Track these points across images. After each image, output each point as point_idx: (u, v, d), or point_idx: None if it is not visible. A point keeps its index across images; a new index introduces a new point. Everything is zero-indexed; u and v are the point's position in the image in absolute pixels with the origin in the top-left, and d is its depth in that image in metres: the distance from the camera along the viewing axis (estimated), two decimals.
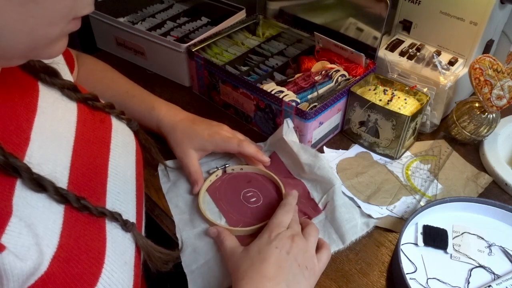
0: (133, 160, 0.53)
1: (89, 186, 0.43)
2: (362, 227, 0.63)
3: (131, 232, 0.44)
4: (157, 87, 0.92)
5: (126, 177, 0.49)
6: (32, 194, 0.36)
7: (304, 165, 0.69)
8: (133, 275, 0.43)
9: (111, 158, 0.48)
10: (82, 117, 0.48)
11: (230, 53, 0.90)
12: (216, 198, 0.67)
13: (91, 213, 0.40)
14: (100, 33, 1.01)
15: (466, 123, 0.76)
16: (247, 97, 0.77)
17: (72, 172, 0.41)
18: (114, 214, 0.42)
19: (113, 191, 0.45)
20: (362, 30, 0.82)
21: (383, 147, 0.75)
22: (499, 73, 0.70)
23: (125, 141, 0.53)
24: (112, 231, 0.41)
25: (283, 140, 0.71)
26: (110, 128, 0.52)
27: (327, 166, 0.69)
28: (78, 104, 0.49)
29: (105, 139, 0.49)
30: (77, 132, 0.46)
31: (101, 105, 0.52)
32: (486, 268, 0.59)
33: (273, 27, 0.96)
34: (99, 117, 0.51)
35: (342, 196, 0.66)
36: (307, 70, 0.82)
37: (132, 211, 0.47)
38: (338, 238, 0.62)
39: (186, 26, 1.00)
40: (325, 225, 0.64)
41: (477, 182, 0.72)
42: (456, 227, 0.64)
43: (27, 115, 0.41)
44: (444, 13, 0.76)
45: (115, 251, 0.40)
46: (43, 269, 0.33)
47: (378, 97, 0.74)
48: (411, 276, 0.58)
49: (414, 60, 0.79)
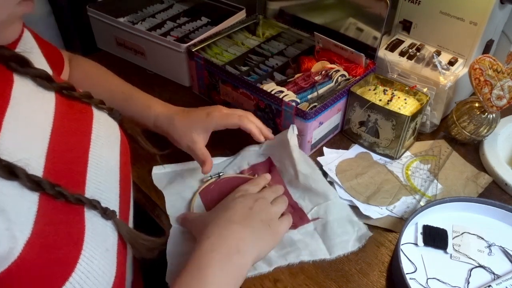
0: (117, 150, 0.53)
1: (66, 174, 0.43)
2: (355, 243, 0.62)
3: (111, 219, 0.44)
4: (157, 87, 0.92)
5: (109, 166, 0.49)
6: (4, 182, 0.36)
7: (299, 173, 0.68)
8: (116, 262, 0.43)
9: (92, 148, 0.48)
10: (60, 107, 0.47)
11: (230, 53, 0.90)
12: (207, 201, 0.67)
13: (68, 201, 0.40)
14: (100, 33, 1.01)
15: (466, 123, 0.76)
16: (247, 97, 0.77)
17: (48, 161, 0.41)
18: (92, 202, 0.42)
19: (94, 180, 0.45)
20: (362, 30, 0.82)
21: (383, 147, 0.75)
22: (499, 73, 0.70)
23: (108, 131, 0.52)
24: (92, 219, 0.42)
25: (284, 143, 0.70)
26: (91, 119, 0.51)
27: (322, 179, 0.69)
28: (56, 94, 0.48)
29: (86, 130, 0.49)
30: (55, 122, 0.45)
31: (78, 94, 0.51)
32: (486, 268, 0.59)
33: (273, 27, 0.96)
34: (79, 108, 0.51)
35: (337, 211, 0.65)
36: (307, 70, 0.82)
37: (115, 200, 0.47)
38: (326, 248, 0.61)
39: (186, 26, 1.00)
40: (313, 236, 0.63)
41: (477, 182, 0.72)
42: (456, 227, 0.64)
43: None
44: (444, 13, 0.76)
45: (94, 238, 0.40)
46: (16, 254, 0.34)
47: (378, 97, 0.74)
48: (411, 276, 0.58)
49: (414, 60, 0.79)
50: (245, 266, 0.52)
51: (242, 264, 0.52)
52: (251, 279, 0.58)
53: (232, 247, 0.52)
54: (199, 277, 0.49)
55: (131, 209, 0.54)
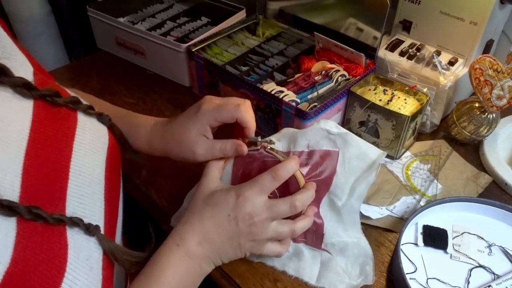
0: (103, 157, 0.48)
1: (45, 192, 0.40)
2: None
3: (95, 236, 0.42)
4: (157, 87, 0.92)
5: (92, 176, 0.46)
6: None
7: (351, 202, 0.56)
8: (101, 279, 0.42)
9: (74, 158, 0.44)
10: (39, 115, 0.43)
11: (230, 53, 0.90)
12: (237, 174, 0.56)
13: (48, 222, 0.37)
14: (100, 33, 1.01)
15: (466, 123, 0.76)
16: (247, 97, 0.77)
17: (24, 179, 0.38)
18: (74, 220, 0.39)
19: (75, 194, 0.42)
20: (362, 30, 0.82)
21: (383, 147, 0.75)
22: (499, 73, 0.70)
23: (93, 137, 0.48)
24: (74, 237, 0.39)
25: (366, 156, 0.56)
26: (75, 125, 0.47)
27: (358, 219, 0.58)
28: (35, 101, 0.43)
29: (67, 137, 0.45)
30: (31, 133, 0.41)
31: (63, 101, 0.46)
32: (486, 268, 0.59)
33: (273, 27, 0.96)
34: (61, 114, 0.46)
35: (353, 253, 0.58)
36: (307, 70, 0.82)
37: (99, 213, 0.45)
38: (316, 275, 0.58)
39: (186, 26, 1.00)
40: (314, 257, 0.59)
41: (477, 182, 0.72)
42: (456, 227, 0.64)
43: None
44: (444, 13, 0.76)
45: (78, 257, 0.39)
46: None
47: (378, 97, 0.74)
48: (411, 276, 0.58)
49: (414, 60, 0.79)
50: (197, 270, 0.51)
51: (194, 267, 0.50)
52: (251, 279, 0.58)
53: (187, 249, 0.50)
54: (152, 266, 0.49)
55: (119, 217, 0.51)
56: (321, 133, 0.57)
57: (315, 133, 0.57)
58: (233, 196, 0.51)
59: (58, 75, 0.94)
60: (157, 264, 0.49)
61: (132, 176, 0.72)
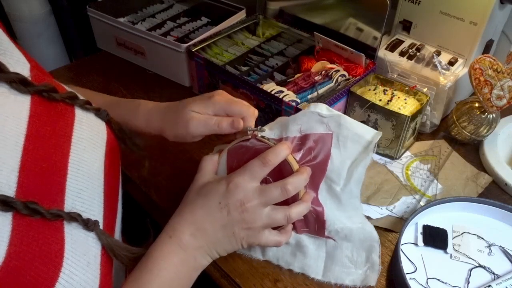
0: (101, 151, 0.49)
1: (43, 186, 0.40)
2: (355, 280, 0.56)
3: (93, 231, 0.42)
4: (157, 87, 0.92)
5: (91, 172, 0.46)
6: None
7: (350, 186, 0.54)
8: (99, 274, 0.41)
9: (73, 153, 0.44)
10: (36, 111, 0.43)
11: (230, 53, 0.90)
12: (231, 164, 0.55)
13: (45, 217, 0.37)
14: (100, 33, 1.01)
15: (466, 123, 0.76)
16: (247, 97, 0.77)
17: (21, 174, 0.38)
18: (72, 215, 0.40)
19: (74, 188, 0.42)
20: (362, 30, 0.82)
21: (383, 147, 0.75)
22: (499, 73, 0.71)
23: (91, 133, 0.48)
24: (72, 232, 0.40)
25: (362, 138, 0.54)
26: (72, 121, 0.47)
27: (360, 205, 0.56)
28: (32, 97, 0.44)
29: (65, 133, 0.45)
30: (28, 128, 0.41)
31: (60, 96, 0.46)
32: (486, 268, 0.59)
33: (273, 27, 0.96)
34: (58, 110, 0.46)
35: (359, 239, 0.57)
36: (307, 70, 0.82)
37: (98, 208, 0.45)
38: (322, 269, 0.57)
39: (186, 26, 1.00)
40: (319, 248, 0.57)
41: (477, 182, 0.72)
42: (456, 227, 0.64)
43: None
44: (444, 13, 0.76)
45: (75, 252, 0.39)
46: None
47: (378, 97, 0.74)
48: (411, 276, 0.58)
49: (414, 60, 0.79)
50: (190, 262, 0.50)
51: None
52: (251, 279, 0.58)
53: (181, 244, 0.49)
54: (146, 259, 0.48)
55: (118, 212, 0.51)
56: (312, 116, 0.55)
57: (306, 117, 0.55)
58: (224, 184, 0.50)
59: (58, 75, 0.94)
60: (151, 257, 0.48)
61: (132, 176, 0.72)
